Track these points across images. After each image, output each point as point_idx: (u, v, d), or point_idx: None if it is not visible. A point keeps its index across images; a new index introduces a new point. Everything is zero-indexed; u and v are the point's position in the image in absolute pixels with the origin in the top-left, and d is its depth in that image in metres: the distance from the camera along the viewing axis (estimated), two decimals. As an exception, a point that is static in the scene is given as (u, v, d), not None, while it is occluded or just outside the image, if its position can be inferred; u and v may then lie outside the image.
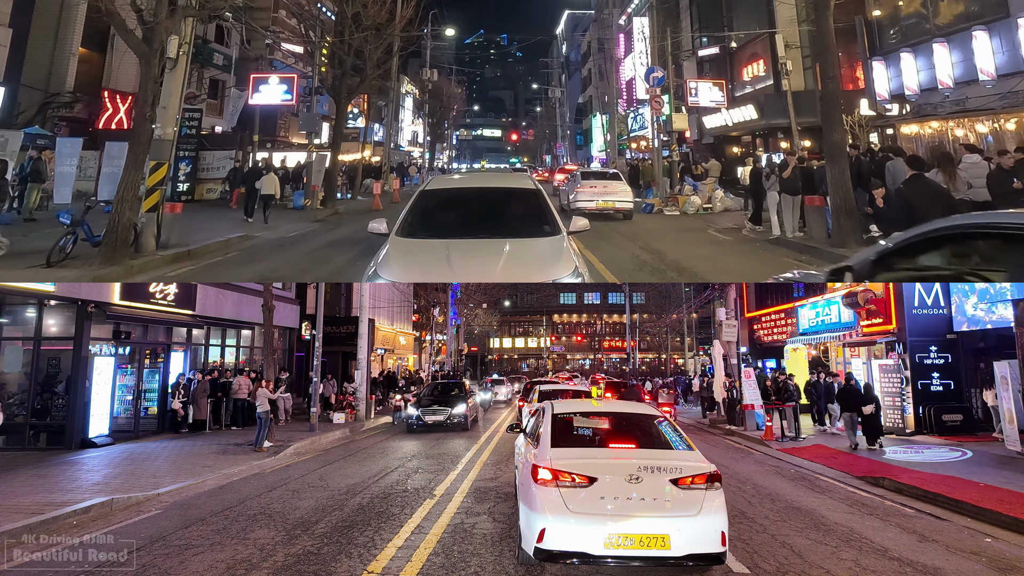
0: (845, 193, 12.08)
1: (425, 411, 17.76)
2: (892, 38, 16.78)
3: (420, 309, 46.70)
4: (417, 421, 17.61)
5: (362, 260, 10.89)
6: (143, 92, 11.89)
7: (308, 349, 23.62)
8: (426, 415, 17.62)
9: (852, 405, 13.76)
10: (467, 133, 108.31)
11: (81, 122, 21.04)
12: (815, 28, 14.22)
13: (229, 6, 17.07)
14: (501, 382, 39.14)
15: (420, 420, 17.55)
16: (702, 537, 5.07)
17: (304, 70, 29.53)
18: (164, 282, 15.24)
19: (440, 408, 17.82)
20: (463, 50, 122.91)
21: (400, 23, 25.69)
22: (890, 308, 16.57)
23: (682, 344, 46.96)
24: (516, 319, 75.93)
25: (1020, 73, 12.80)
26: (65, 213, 11.79)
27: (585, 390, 21.52)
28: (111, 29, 19.33)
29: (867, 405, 13.40)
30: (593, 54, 56.36)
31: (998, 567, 6.13)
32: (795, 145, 20.92)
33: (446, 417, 17.55)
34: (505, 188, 8.62)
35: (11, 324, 13.94)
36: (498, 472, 10.87)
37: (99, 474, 10.44)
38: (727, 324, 20.54)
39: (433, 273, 7.54)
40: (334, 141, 23.86)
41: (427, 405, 18.17)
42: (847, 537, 7.03)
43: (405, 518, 7.60)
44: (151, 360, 16.71)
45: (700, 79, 30.14)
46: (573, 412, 6.72)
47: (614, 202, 18.49)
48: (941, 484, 9.41)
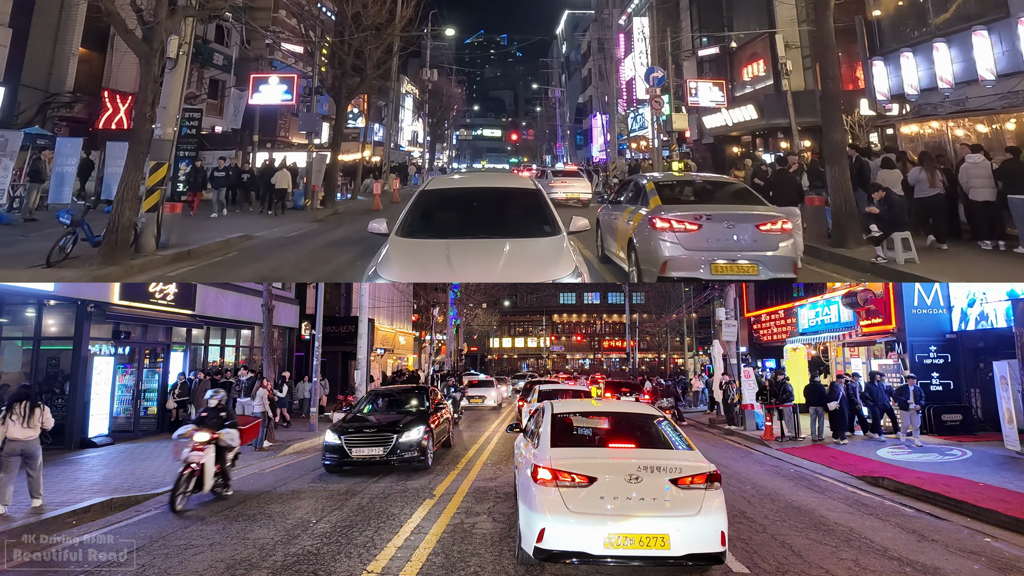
0: (845, 193, 12.08)
1: (353, 440, 10.72)
2: (892, 38, 16.78)
3: (420, 309, 46.72)
4: (338, 458, 10.65)
5: (362, 260, 10.90)
6: (143, 92, 11.89)
7: (308, 349, 23.62)
8: (354, 446, 10.66)
9: (818, 401, 14.91)
10: (467, 133, 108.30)
11: (81, 122, 21.04)
12: (815, 28, 14.21)
13: (229, 6, 17.06)
14: (488, 384, 30.08)
15: (343, 456, 10.61)
16: (702, 537, 5.08)
17: (304, 70, 29.52)
18: (164, 282, 15.24)
19: (379, 435, 10.88)
20: (463, 50, 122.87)
21: (400, 23, 25.68)
22: (890, 308, 16.57)
23: (682, 344, 46.96)
24: (516, 319, 75.93)
25: (1020, 73, 12.79)
26: (65, 213, 11.78)
27: (584, 390, 21.50)
28: (111, 29, 19.35)
29: (832, 402, 14.53)
30: (593, 54, 56.37)
31: (997, 567, 6.14)
32: (795, 145, 20.93)
33: (386, 451, 10.67)
34: (505, 188, 8.63)
35: (11, 324, 13.94)
36: (498, 472, 10.88)
37: (99, 474, 10.45)
38: (727, 324, 20.51)
39: (433, 273, 7.53)
40: (334, 141, 23.87)
41: (356, 430, 11.01)
42: (847, 537, 7.03)
43: (405, 518, 7.61)
44: (151, 360, 16.71)
45: (700, 79, 30.12)
46: (573, 412, 6.73)
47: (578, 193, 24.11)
48: (941, 484, 9.41)
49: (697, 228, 8.19)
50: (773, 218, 8.36)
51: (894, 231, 10.69)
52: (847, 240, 11.86)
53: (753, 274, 8.13)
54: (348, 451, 10.56)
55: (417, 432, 11.04)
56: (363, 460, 10.63)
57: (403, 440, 10.77)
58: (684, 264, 8.14)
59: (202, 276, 13.77)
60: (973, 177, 11.55)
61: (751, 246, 8.15)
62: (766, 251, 8.15)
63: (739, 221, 8.29)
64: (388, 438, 10.75)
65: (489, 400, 27.77)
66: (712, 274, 8.11)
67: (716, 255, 8.10)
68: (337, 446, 10.61)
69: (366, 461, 10.65)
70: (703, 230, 8.18)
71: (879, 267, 10.82)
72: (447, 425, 13.71)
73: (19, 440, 7.78)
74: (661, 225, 8.32)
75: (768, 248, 8.17)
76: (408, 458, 10.78)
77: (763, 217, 8.39)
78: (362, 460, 10.63)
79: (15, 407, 7.84)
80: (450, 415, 14.50)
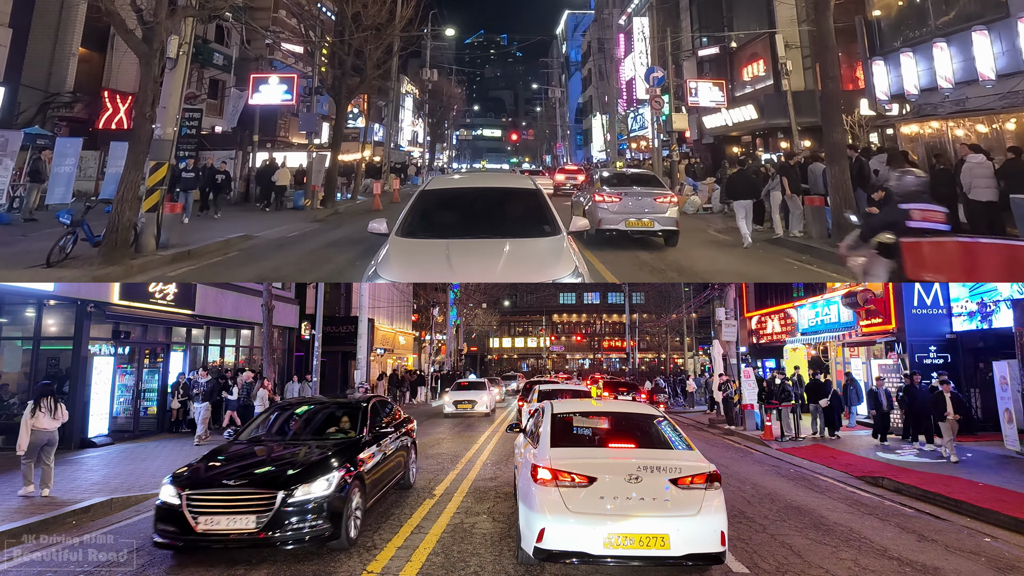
0: (845, 193, 12.09)
1: (202, 500, 6.00)
2: (892, 38, 16.78)
3: (420, 309, 46.74)
4: (176, 533, 5.95)
5: (362, 260, 10.89)
6: (143, 92, 11.89)
7: (308, 349, 23.63)
8: (203, 511, 5.96)
9: (815, 398, 15.69)
10: (467, 133, 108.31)
11: (81, 122, 21.04)
12: (815, 28, 14.22)
13: (229, 6, 17.05)
14: (479, 387, 24.57)
15: (184, 530, 5.90)
16: (701, 537, 5.08)
17: (304, 70, 29.51)
18: (164, 282, 15.24)
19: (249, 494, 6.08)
20: (463, 50, 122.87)
21: (400, 23, 25.66)
22: (889, 308, 16.57)
23: (682, 344, 46.96)
24: (516, 319, 75.96)
25: (1020, 73, 12.79)
26: (65, 213, 11.78)
27: (584, 390, 21.48)
28: (111, 29, 19.36)
29: (823, 399, 15.45)
30: (593, 54, 56.39)
31: (997, 567, 6.14)
32: (795, 145, 20.94)
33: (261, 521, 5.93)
34: (505, 188, 8.62)
35: (11, 324, 13.94)
36: (498, 472, 10.87)
37: (98, 474, 10.45)
38: (726, 324, 20.54)
39: (433, 273, 7.54)
40: (334, 141, 23.85)
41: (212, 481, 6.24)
42: (846, 537, 7.04)
43: (405, 518, 7.60)
44: (151, 360, 16.71)
45: (700, 79, 30.12)
46: (573, 412, 6.73)
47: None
48: (940, 484, 9.42)
49: (619, 200, 13.18)
50: (664, 194, 13.50)
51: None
52: (847, 240, 11.86)
53: (651, 227, 12.97)
54: (192, 521, 5.84)
55: (324, 483, 6.21)
56: (218, 538, 5.84)
57: (296, 499, 6.01)
58: (611, 221, 13.01)
59: (202, 276, 13.77)
60: (976, 177, 11.54)
61: (651, 210, 13.02)
62: (658, 213, 13.01)
63: (644, 196, 13.22)
64: (266, 499, 5.94)
65: (480, 406, 22.70)
66: (626, 227, 12.92)
67: (630, 215, 12.97)
68: (174, 510, 5.94)
69: (223, 540, 5.85)
70: (623, 201, 13.15)
71: (879, 267, 10.81)
72: (401, 458, 8.83)
73: (47, 430, 8.69)
74: (598, 199, 13.43)
75: (660, 212, 13.02)
76: (303, 532, 5.96)
77: (658, 193, 13.36)
78: (217, 538, 5.84)
79: (42, 401, 8.75)
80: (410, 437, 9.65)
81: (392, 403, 10.12)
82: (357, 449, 7.25)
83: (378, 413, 8.58)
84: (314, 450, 6.96)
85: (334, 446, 7.16)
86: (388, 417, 8.89)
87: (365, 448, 7.44)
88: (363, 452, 7.31)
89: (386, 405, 9.38)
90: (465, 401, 22.83)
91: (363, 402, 8.58)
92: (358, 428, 7.86)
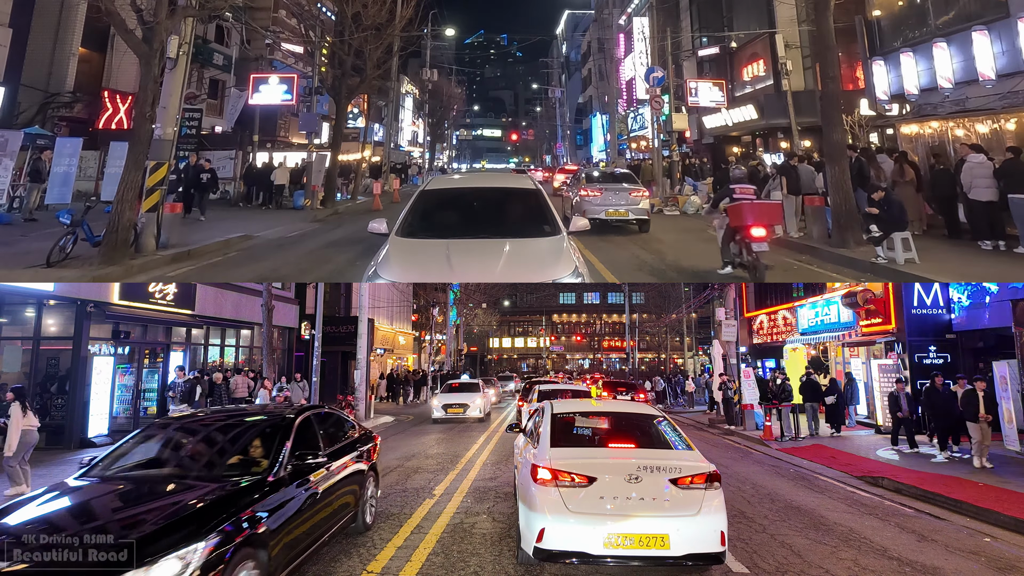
0: (845, 193, 12.09)
1: None
2: (892, 38, 16.78)
3: (419, 309, 46.74)
4: None
5: (362, 260, 10.89)
6: (143, 92, 11.88)
7: (307, 349, 23.63)
8: None
9: (814, 397, 16.02)
10: (467, 133, 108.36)
11: (81, 122, 21.05)
12: (815, 28, 14.21)
13: (229, 6, 17.04)
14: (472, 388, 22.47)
15: None
16: (701, 537, 5.07)
17: (304, 70, 29.52)
18: (164, 282, 15.24)
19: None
20: (463, 50, 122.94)
21: (400, 23, 25.66)
22: (889, 308, 16.57)
23: (681, 344, 46.97)
24: (515, 319, 75.99)
25: (1020, 73, 12.78)
26: (65, 213, 11.78)
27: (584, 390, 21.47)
28: (111, 29, 19.35)
29: (829, 397, 16.02)
30: (593, 54, 56.36)
31: (997, 567, 6.14)
32: (795, 145, 20.94)
33: None
34: (505, 188, 8.62)
35: (11, 324, 13.95)
36: (498, 472, 10.87)
37: (99, 474, 10.42)
38: (726, 324, 20.54)
39: (433, 273, 7.53)
40: (334, 141, 23.86)
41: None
42: (846, 537, 7.04)
43: (404, 518, 7.60)
44: (150, 360, 16.72)
45: (700, 79, 30.13)
46: (572, 412, 6.72)
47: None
48: (940, 484, 9.43)
49: (600, 194, 15.76)
50: (639, 188, 16.20)
51: (894, 231, 10.70)
52: (847, 240, 11.87)
53: (626, 216, 15.56)
54: None
55: (175, 564, 3.87)
56: None
57: None
58: (594, 211, 15.22)
59: (202, 276, 13.77)
60: (976, 177, 11.55)
61: (626, 203, 15.58)
62: (632, 205, 15.58)
63: (621, 191, 15.86)
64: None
65: (473, 410, 20.40)
66: (606, 216, 15.41)
67: (609, 207, 15.52)
68: None
69: None
70: (603, 195, 15.72)
71: (879, 267, 10.83)
72: (350, 496, 6.41)
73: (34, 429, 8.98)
74: (583, 193, 16.01)
75: (634, 204, 15.58)
76: None
77: (633, 188, 16.04)
78: None
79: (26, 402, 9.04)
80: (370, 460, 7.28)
81: (342, 414, 7.46)
82: (258, 496, 4.63)
83: (311, 434, 5.93)
84: (186, 496, 4.43)
85: (217, 492, 4.50)
86: (329, 439, 6.35)
87: (276, 491, 4.86)
88: (270, 499, 4.72)
89: (329, 420, 6.73)
90: (456, 405, 20.48)
91: (287, 416, 5.83)
92: (272, 459, 5.17)
